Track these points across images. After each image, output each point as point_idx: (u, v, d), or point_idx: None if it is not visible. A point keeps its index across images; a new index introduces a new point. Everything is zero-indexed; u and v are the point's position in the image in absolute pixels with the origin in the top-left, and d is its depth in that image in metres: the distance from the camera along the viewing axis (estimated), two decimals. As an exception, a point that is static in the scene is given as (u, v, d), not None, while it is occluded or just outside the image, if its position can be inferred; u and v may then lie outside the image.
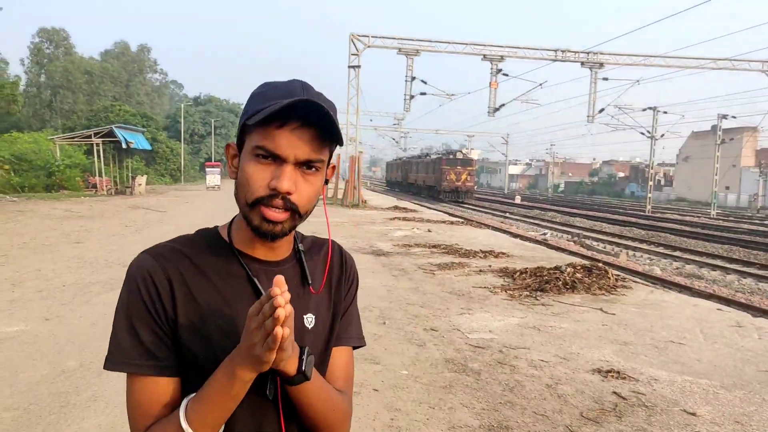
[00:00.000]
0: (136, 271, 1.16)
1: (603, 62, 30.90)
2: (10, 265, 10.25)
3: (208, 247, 1.23)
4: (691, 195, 65.66)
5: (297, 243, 1.31)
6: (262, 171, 1.11)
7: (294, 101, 1.08)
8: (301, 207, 1.14)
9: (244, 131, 1.16)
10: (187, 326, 1.15)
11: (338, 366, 1.33)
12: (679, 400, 4.90)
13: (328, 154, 1.18)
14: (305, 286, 1.27)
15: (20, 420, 4.17)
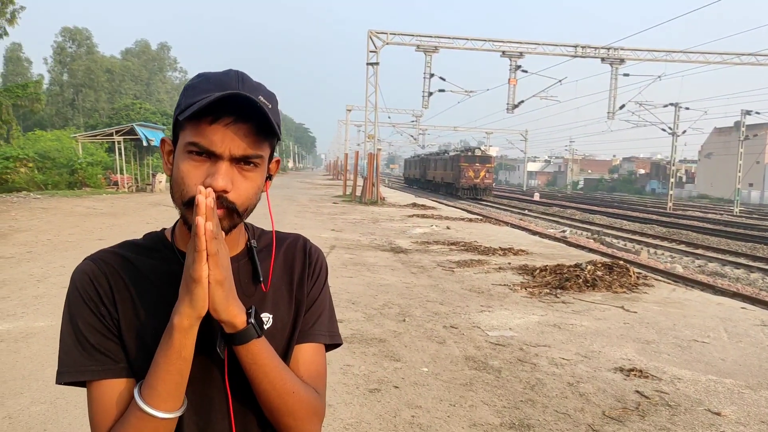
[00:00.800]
0: (78, 277, 1.15)
1: (624, 58, 30.57)
2: (35, 261, 10.41)
3: (152, 251, 1.20)
4: (713, 192, 64.82)
5: (250, 240, 1.26)
6: (196, 169, 1.06)
7: (224, 95, 1.02)
8: (240, 205, 1.09)
9: (178, 126, 1.11)
10: (128, 332, 1.13)
11: (302, 362, 1.23)
12: (703, 399, 4.85)
13: (269, 148, 1.13)
14: (257, 285, 1.21)
15: (47, 414, 4.24)
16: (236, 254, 1.22)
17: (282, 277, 1.26)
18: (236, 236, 1.22)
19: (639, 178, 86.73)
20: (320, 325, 1.28)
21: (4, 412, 4.25)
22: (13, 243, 12.46)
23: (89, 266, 1.16)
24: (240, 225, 1.20)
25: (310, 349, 1.25)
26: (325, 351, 1.30)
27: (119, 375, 1.11)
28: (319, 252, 1.35)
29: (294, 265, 1.29)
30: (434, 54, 30.37)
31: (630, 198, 63.73)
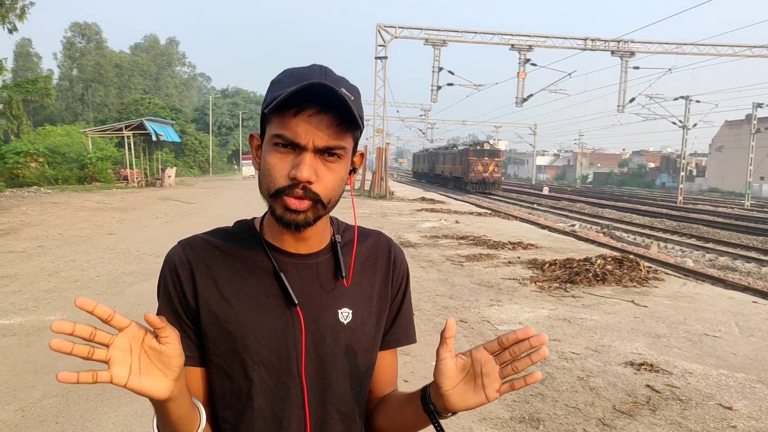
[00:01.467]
0: (165, 262, 1.20)
1: (634, 51, 30.36)
2: (47, 255, 10.48)
3: (241, 239, 1.22)
4: (724, 185, 64.39)
5: (334, 234, 1.27)
6: (281, 161, 1.08)
7: (305, 85, 1.03)
8: (324, 196, 1.10)
9: (264, 121, 1.14)
10: (208, 318, 1.15)
11: (384, 367, 1.30)
12: (714, 393, 4.82)
13: (351, 140, 1.13)
14: (339, 280, 1.22)
15: (59, 407, 4.28)
16: (321, 249, 1.23)
17: (363, 273, 1.26)
18: (321, 230, 1.22)
19: (649, 171, 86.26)
20: (403, 331, 1.31)
21: (16, 405, 4.29)
22: (24, 237, 12.55)
23: (177, 252, 1.19)
24: (325, 219, 1.22)
25: (390, 355, 1.31)
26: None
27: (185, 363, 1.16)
28: (402, 253, 1.36)
29: (377, 263, 1.29)
30: (443, 48, 30.30)
31: (640, 192, 63.42)
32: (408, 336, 1.32)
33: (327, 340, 1.17)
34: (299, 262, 1.20)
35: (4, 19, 23.60)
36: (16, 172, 28.19)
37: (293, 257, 1.20)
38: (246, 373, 1.14)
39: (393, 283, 1.29)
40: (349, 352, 1.19)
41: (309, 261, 1.20)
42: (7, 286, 8.01)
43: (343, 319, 1.19)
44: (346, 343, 1.18)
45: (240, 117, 73.80)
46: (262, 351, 1.13)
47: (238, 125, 74.11)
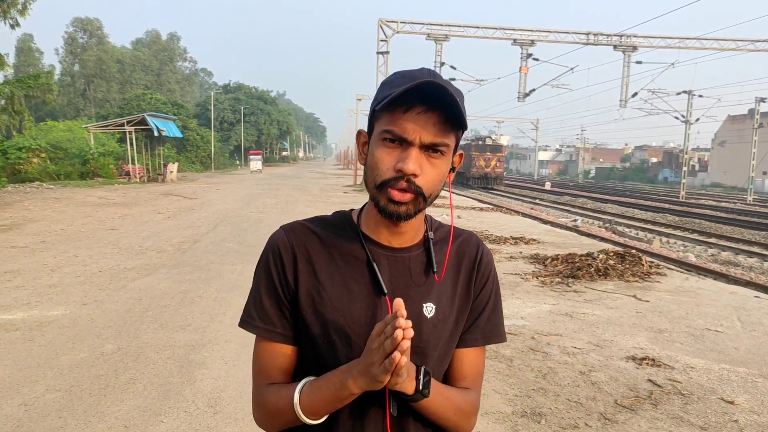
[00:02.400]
0: (269, 244, 1.28)
1: (636, 45, 30.26)
2: (49, 250, 10.49)
3: (339, 229, 1.30)
4: (726, 180, 64.24)
5: (428, 231, 1.32)
6: (389, 154, 1.15)
7: (417, 83, 1.10)
8: (426, 190, 1.16)
9: (374, 118, 1.20)
10: (305, 300, 1.23)
11: (467, 365, 1.33)
12: (716, 388, 4.82)
13: (454, 139, 1.19)
14: (429, 275, 1.27)
15: (63, 401, 4.29)
16: (414, 244, 1.29)
17: (450, 270, 1.30)
18: (416, 225, 1.28)
19: (651, 166, 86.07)
20: (486, 329, 1.34)
21: (20, 400, 4.30)
22: (26, 233, 12.57)
23: (281, 236, 1.28)
24: (421, 215, 1.27)
25: (473, 353, 1.33)
26: (485, 349, 1.38)
27: (275, 339, 1.25)
28: (491, 255, 1.39)
29: (463, 262, 1.33)
30: (445, 42, 30.22)
31: (642, 187, 63.32)
32: (489, 336, 1.34)
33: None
34: (392, 254, 1.26)
35: (5, 14, 23.58)
36: (18, 167, 28.20)
37: (387, 250, 1.26)
38: (336, 354, 1.21)
39: (476, 283, 1.33)
40: (429, 345, 1.24)
41: (402, 254, 1.27)
42: (9, 282, 8.03)
43: (427, 313, 1.25)
44: (426, 336, 1.24)
45: (242, 112, 73.74)
46: (351, 335, 1.20)
47: (239, 121, 74.03)
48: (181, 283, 8.12)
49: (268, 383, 1.26)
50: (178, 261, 9.73)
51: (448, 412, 1.23)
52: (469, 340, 1.32)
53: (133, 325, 6.18)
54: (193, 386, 4.64)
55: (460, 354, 1.32)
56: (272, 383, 1.25)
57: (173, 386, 4.61)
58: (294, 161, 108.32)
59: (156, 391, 4.51)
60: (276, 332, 1.25)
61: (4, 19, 23.73)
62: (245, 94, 78.78)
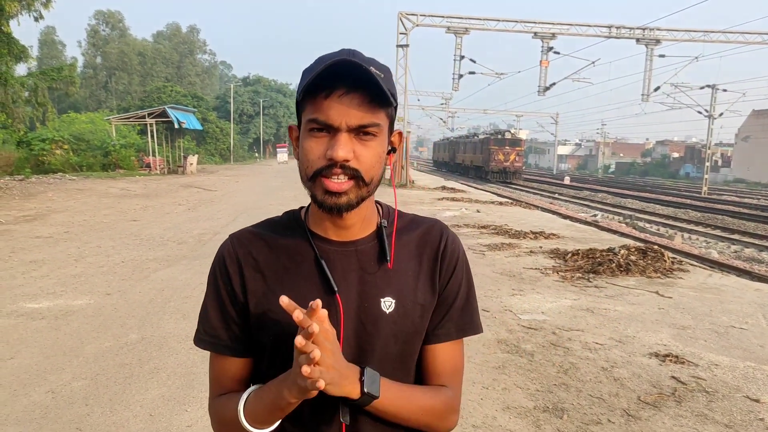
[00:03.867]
0: (217, 256, 1.24)
1: (659, 38, 29.86)
2: (73, 241, 10.63)
3: (287, 228, 1.24)
4: (750, 176, 63.30)
5: (381, 219, 1.25)
6: (318, 144, 1.09)
7: (330, 64, 1.04)
8: (364, 172, 1.10)
9: (300, 109, 1.14)
10: (256, 308, 1.17)
11: (441, 361, 1.25)
12: (741, 386, 4.77)
13: (385, 117, 1.12)
14: (383, 267, 1.20)
15: (88, 389, 4.35)
16: (365, 236, 1.22)
17: (410, 261, 1.23)
18: (365, 215, 1.21)
19: (673, 161, 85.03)
20: (460, 322, 1.26)
21: (47, 387, 4.37)
22: (51, 223, 12.74)
23: (226, 246, 1.24)
24: (369, 204, 1.21)
25: (448, 348, 1.25)
26: (462, 342, 1.29)
27: (221, 351, 1.22)
28: (457, 242, 1.30)
29: (425, 252, 1.25)
30: (465, 36, 30.05)
31: (663, 182, 62.60)
32: (464, 328, 1.26)
33: (367, 329, 1.17)
34: (341, 249, 1.19)
35: (29, 7, 23.82)
36: (42, 159, 28.60)
37: (335, 245, 1.20)
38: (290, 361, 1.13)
39: (442, 274, 1.24)
40: (390, 342, 1.18)
41: (351, 248, 1.20)
42: (35, 271, 8.15)
43: (385, 309, 1.18)
44: (386, 333, 1.17)
45: (261, 105, 74.03)
46: None
47: (258, 113, 74.35)
48: (202, 275, 8.18)
49: (221, 394, 1.22)
50: (198, 252, 9.81)
51: (412, 413, 1.15)
52: (441, 334, 1.24)
53: (156, 315, 6.25)
54: (215, 376, 4.67)
55: (434, 350, 1.24)
56: (224, 393, 1.21)
57: (196, 376, 4.66)
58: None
59: (180, 381, 4.55)
60: (222, 345, 1.20)
61: (28, 12, 23.99)
62: (264, 86, 79.09)
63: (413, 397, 1.16)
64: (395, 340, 1.18)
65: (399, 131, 1.22)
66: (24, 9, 23.68)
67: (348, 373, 1.05)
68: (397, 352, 1.19)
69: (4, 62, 23.30)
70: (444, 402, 1.21)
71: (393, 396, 1.12)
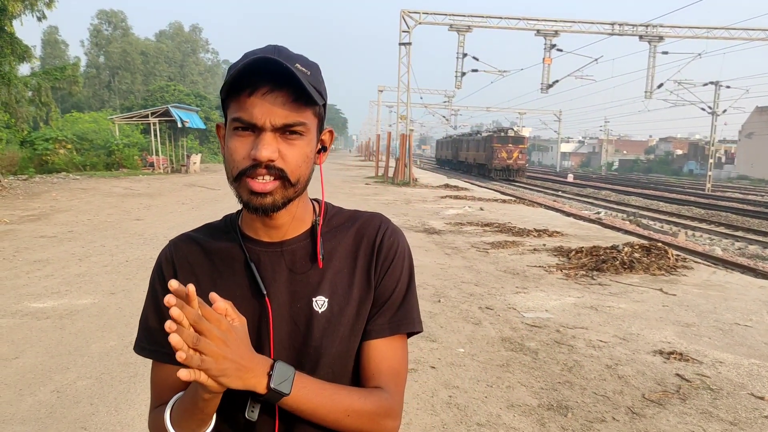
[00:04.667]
0: (156, 263, 1.25)
1: (663, 35, 29.76)
2: (77, 240, 10.65)
3: (223, 232, 1.23)
4: (753, 173, 63.12)
5: (316, 218, 1.23)
6: (242, 143, 1.07)
7: (249, 61, 1.02)
8: (290, 172, 1.07)
9: (225, 107, 1.12)
10: None
11: (375, 360, 1.17)
12: (746, 383, 4.76)
13: (312, 116, 1.10)
14: (314, 266, 1.18)
15: (93, 388, 4.36)
16: (297, 235, 1.20)
17: (346, 258, 1.20)
18: (295, 215, 1.19)
19: (676, 158, 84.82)
20: (396, 318, 1.20)
21: (52, 386, 4.39)
22: (54, 223, 12.77)
23: (164, 252, 1.25)
24: (300, 203, 1.19)
25: (383, 345, 1.18)
26: (404, 341, 1.22)
27: (163, 360, 1.17)
28: (397, 234, 1.25)
29: (361, 247, 1.21)
30: (467, 33, 29.99)
31: (667, 179, 62.47)
32: (398, 324, 1.20)
33: (300, 329, 1.15)
34: (271, 250, 1.18)
35: (32, 6, 23.87)
36: (46, 158, 28.63)
37: (265, 246, 1.18)
38: None
39: (378, 268, 1.20)
40: (326, 342, 1.14)
41: (282, 248, 1.18)
42: (39, 270, 8.17)
43: (317, 308, 1.15)
44: (319, 333, 1.14)
45: (263, 104, 73.94)
46: None
47: (261, 112, 74.27)
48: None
49: (159, 405, 1.17)
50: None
51: (333, 414, 1.07)
52: (373, 330, 1.18)
53: (161, 314, 6.26)
54: (220, 375, 4.68)
55: (368, 347, 1.17)
56: (163, 404, 1.15)
57: (201, 375, 4.66)
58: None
59: (184, 380, 4.56)
60: (162, 352, 1.15)
61: (31, 12, 24.03)
62: (267, 85, 78.93)
63: (336, 397, 1.08)
64: (331, 340, 1.15)
65: (330, 129, 1.20)
66: (27, 9, 23.72)
67: (252, 365, 0.98)
68: (335, 353, 1.15)
69: (7, 62, 23.34)
70: (376, 405, 1.12)
71: (310, 394, 1.05)
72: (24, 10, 23.43)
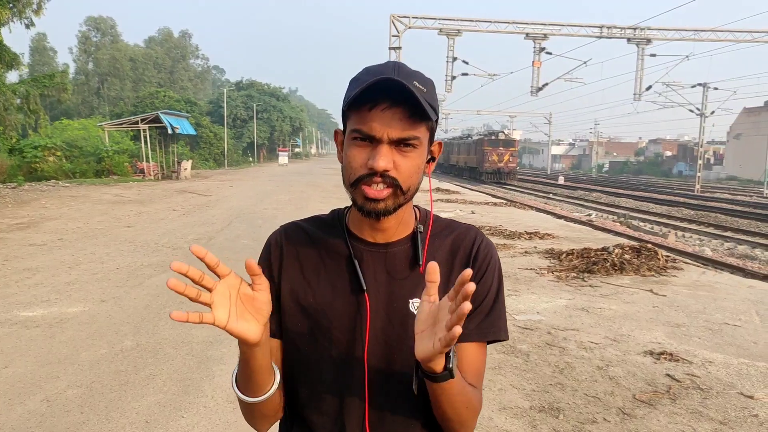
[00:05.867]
0: (266, 241, 1.34)
1: (650, 38, 29.98)
2: (67, 248, 10.60)
3: (330, 226, 1.32)
4: (742, 173, 63.58)
5: (417, 224, 1.30)
6: (360, 153, 1.15)
7: (373, 82, 1.10)
8: (403, 182, 1.16)
9: (345, 117, 1.20)
10: (288, 296, 1.26)
11: (467, 362, 1.24)
12: (735, 383, 4.79)
13: (425, 130, 1.18)
14: (414, 269, 1.25)
15: (84, 397, 4.34)
16: (400, 239, 1.27)
17: (443, 264, 1.24)
18: (401, 220, 1.26)
19: (666, 160, 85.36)
20: (483, 325, 1.26)
21: (41, 395, 4.36)
22: (44, 230, 12.70)
23: (276, 235, 1.34)
24: (406, 209, 1.26)
25: (470, 349, 1.25)
26: (486, 347, 1.29)
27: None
28: (491, 248, 1.32)
29: (457, 256, 1.28)
30: (457, 37, 30.10)
31: (656, 180, 62.82)
32: (486, 331, 1.26)
33: (395, 327, 1.22)
34: (375, 250, 1.26)
35: (21, 14, 23.78)
36: (35, 166, 28.47)
37: (371, 246, 1.26)
38: (317, 350, 1.22)
39: (471, 276, 1.26)
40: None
41: (386, 250, 1.26)
42: (29, 279, 8.12)
43: (414, 309, 1.22)
44: (413, 332, 1.17)
45: (254, 109, 73.91)
46: (333, 331, 1.22)
47: (252, 117, 74.24)
48: (198, 280, 8.17)
49: None
50: (193, 258, 9.75)
51: (460, 405, 1.16)
52: (463, 334, 1.16)
53: (151, 321, 6.24)
54: (212, 382, 4.67)
55: (460, 350, 1.24)
56: None
57: (192, 382, 4.66)
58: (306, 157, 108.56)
59: (175, 387, 4.55)
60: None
61: (19, 19, 23.95)
62: (258, 90, 78.96)
63: (466, 390, 1.17)
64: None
65: (439, 141, 1.27)
66: (15, 16, 23.63)
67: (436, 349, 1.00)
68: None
69: (-5, 70, 23.21)
70: (479, 401, 1.23)
71: (460, 380, 1.12)
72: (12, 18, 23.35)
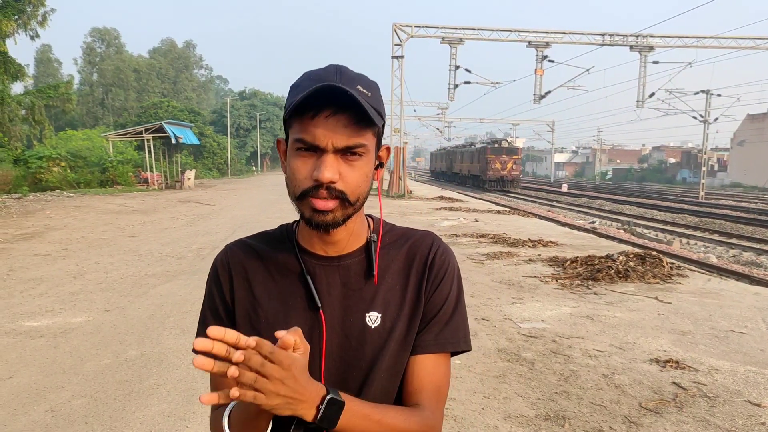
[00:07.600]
0: (213, 264, 1.28)
1: (653, 45, 30.03)
2: (71, 258, 10.62)
3: (279, 242, 1.26)
4: (746, 180, 63.42)
5: (371, 234, 1.25)
6: (304, 164, 1.09)
7: (314, 89, 1.04)
8: (350, 193, 1.10)
9: (287, 125, 1.14)
10: (242, 318, 1.21)
11: (419, 376, 1.19)
12: (742, 390, 4.76)
13: (372, 136, 1.12)
14: (370, 282, 1.20)
15: (88, 407, 4.33)
16: (353, 251, 1.22)
17: (399, 275, 1.22)
18: (353, 231, 1.21)
19: (669, 167, 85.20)
20: (442, 335, 1.21)
21: (46, 406, 4.36)
22: (48, 241, 12.73)
23: (221, 255, 1.28)
24: (357, 220, 1.21)
25: (428, 362, 1.19)
26: (448, 359, 1.23)
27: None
28: (448, 254, 1.27)
29: (413, 264, 1.23)
30: (459, 46, 30.20)
31: (660, 187, 62.69)
32: (445, 342, 1.21)
33: (352, 343, 1.17)
34: (327, 264, 1.21)
35: (26, 26, 23.97)
36: (39, 176, 28.60)
37: (322, 260, 1.21)
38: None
39: (428, 285, 1.22)
40: (376, 357, 1.16)
41: (338, 263, 1.21)
42: (33, 289, 8.14)
43: (370, 323, 1.18)
44: (372, 347, 1.17)
45: (258, 119, 74.17)
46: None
47: (255, 127, 74.50)
48: (201, 290, 8.11)
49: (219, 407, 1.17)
50: (197, 267, 9.80)
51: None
52: (419, 346, 1.19)
53: (156, 331, 6.24)
54: (216, 391, 4.66)
55: (412, 363, 1.19)
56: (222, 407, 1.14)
57: (197, 391, 4.65)
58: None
59: (180, 396, 4.54)
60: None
61: (24, 31, 24.12)
62: (261, 100, 79.28)
63: (383, 420, 1.08)
64: (381, 355, 1.17)
65: (386, 146, 1.22)
66: (20, 28, 23.80)
67: (304, 398, 0.96)
68: (386, 367, 1.17)
69: (0, 81, 23.36)
70: (420, 425, 1.13)
71: (357, 422, 1.04)
72: (17, 29, 23.51)
